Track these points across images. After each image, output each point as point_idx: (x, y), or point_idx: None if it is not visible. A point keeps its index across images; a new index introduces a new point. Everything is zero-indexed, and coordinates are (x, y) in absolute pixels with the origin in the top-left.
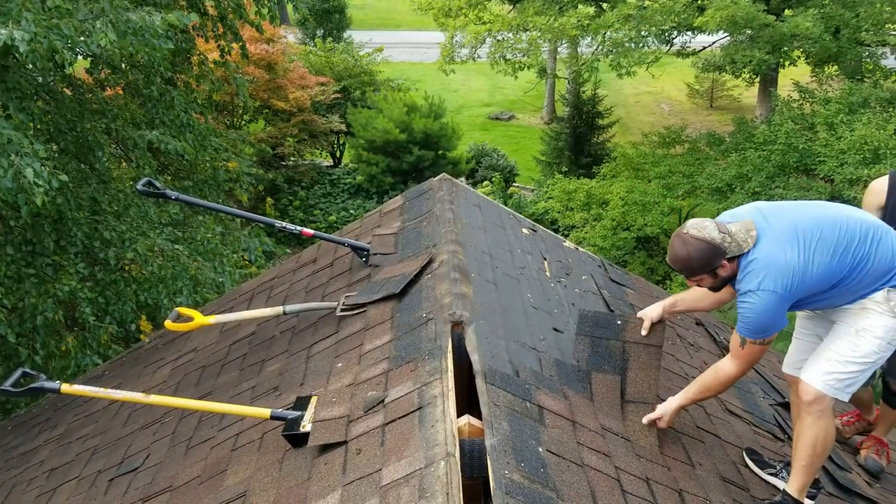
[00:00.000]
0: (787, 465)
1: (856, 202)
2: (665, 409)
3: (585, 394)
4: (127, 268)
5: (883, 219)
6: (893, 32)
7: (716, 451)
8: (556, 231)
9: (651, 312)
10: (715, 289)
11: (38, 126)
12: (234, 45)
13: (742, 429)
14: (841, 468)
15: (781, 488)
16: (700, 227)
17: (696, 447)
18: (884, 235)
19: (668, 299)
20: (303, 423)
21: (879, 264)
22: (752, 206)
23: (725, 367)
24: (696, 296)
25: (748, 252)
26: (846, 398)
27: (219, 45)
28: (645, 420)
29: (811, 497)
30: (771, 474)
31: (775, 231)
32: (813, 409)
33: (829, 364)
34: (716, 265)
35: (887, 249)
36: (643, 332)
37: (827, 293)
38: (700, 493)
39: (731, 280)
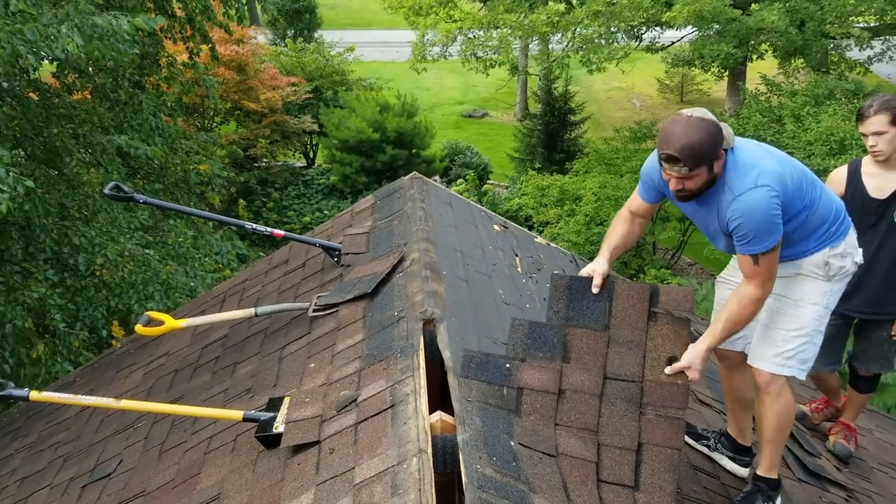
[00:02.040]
0: (722, 435)
1: None
2: (693, 356)
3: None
4: (97, 273)
5: None
6: (858, 24)
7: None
8: (531, 227)
9: (599, 268)
10: (696, 193)
11: (4, 132)
12: (203, 46)
13: (712, 417)
14: (810, 454)
15: (729, 468)
16: (701, 112)
17: None
18: (825, 189)
19: (604, 250)
20: (276, 425)
21: (821, 213)
22: None
23: (748, 291)
24: (621, 233)
25: (730, 150)
26: (802, 375)
27: (187, 47)
28: (669, 370)
29: (771, 501)
30: (705, 445)
31: (747, 142)
32: (771, 389)
33: (774, 345)
34: (718, 151)
35: (829, 200)
36: (595, 290)
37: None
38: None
39: (710, 186)
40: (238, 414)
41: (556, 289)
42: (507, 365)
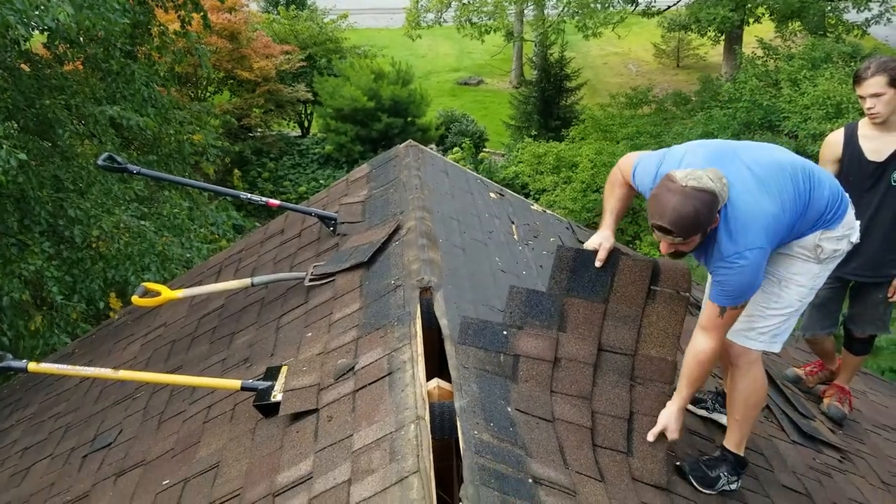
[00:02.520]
0: (719, 395)
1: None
2: (667, 418)
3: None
4: (93, 245)
5: (839, 171)
6: None
7: None
8: (527, 195)
9: (606, 242)
10: (683, 253)
11: None
12: (195, 14)
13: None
14: (805, 416)
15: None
16: (696, 178)
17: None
18: (818, 178)
19: (607, 219)
20: (273, 393)
21: (817, 206)
22: (688, 148)
23: (702, 346)
24: (619, 197)
25: (724, 206)
26: (777, 349)
27: (179, 16)
28: (651, 437)
29: (735, 476)
30: (703, 408)
31: (740, 178)
32: (741, 362)
33: (750, 319)
34: (713, 220)
35: (826, 189)
36: (598, 265)
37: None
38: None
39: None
40: (236, 383)
41: (561, 260)
42: (504, 332)
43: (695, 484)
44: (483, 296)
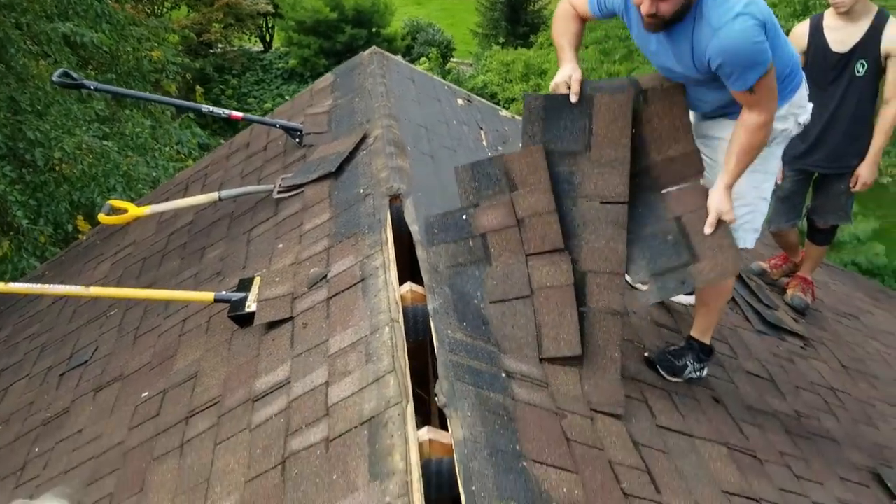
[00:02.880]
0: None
1: None
2: (717, 201)
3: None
4: (57, 168)
5: (805, 63)
6: None
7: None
8: (497, 105)
9: (575, 73)
10: (671, 16)
11: None
12: None
13: None
14: (769, 307)
15: (685, 302)
16: None
17: (628, 296)
18: (783, 36)
19: (567, 52)
20: (248, 304)
21: (778, 65)
22: None
23: (753, 119)
24: (575, 31)
25: None
26: (748, 244)
27: None
28: (708, 228)
29: (701, 364)
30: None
31: None
32: None
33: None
34: None
35: (788, 50)
36: (574, 99)
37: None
38: (634, 339)
39: (687, 11)
40: (209, 295)
41: (530, 110)
42: (464, 216)
43: (663, 373)
44: (452, 201)
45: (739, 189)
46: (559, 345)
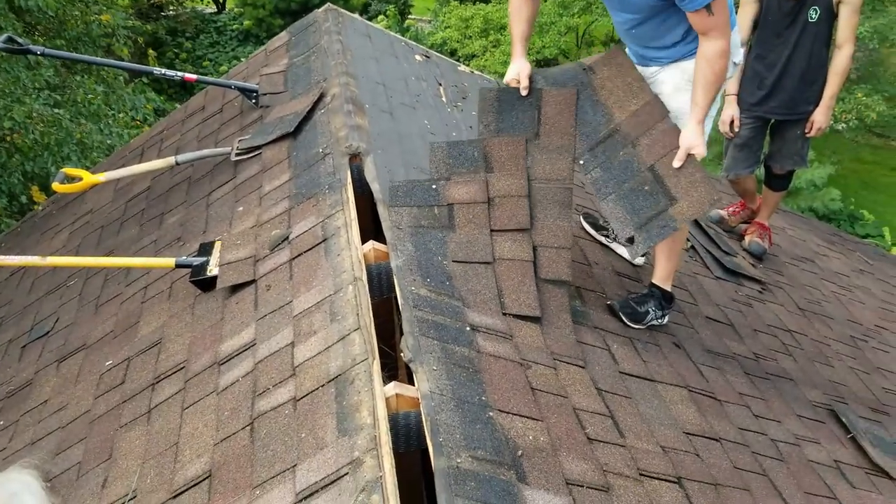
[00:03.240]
0: None
1: None
2: (689, 137)
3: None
4: (7, 138)
5: (759, 10)
6: None
7: (608, 249)
8: (457, 61)
9: (523, 69)
10: None
11: None
12: None
13: None
14: (727, 254)
15: (625, 256)
16: None
17: (593, 248)
18: None
19: (516, 45)
20: (209, 268)
21: None
22: None
23: (711, 46)
24: (527, 17)
25: None
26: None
27: None
28: (677, 162)
29: (662, 311)
30: (604, 236)
31: None
32: None
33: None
34: None
35: None
36: (524, 93)
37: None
38: (596, 289)
39: None
40: (170, 261)
41: (485, 101)
42: (434, 186)
43: (625, 320)
44: (414, 158)
45: (674, 106)
46: (520, 305)
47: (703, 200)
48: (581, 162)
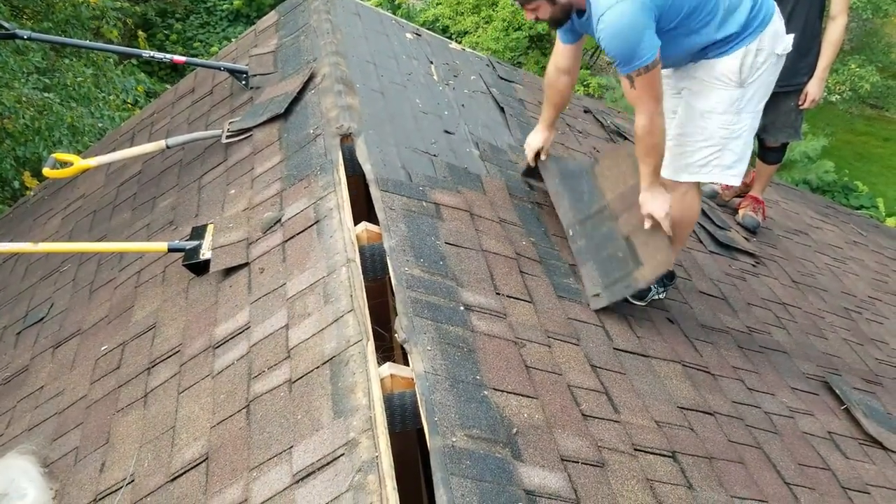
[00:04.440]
0: None
1: None
2: (647, 206)
3: (479, 191)
4: None
5: None
6: None
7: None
8: (449, 38)
9: (543, 144)
10: (556, 20)
11: None
12: None
13: None
14: (721, 228)
15: None
16: None
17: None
18: None
19: (544, 118)
20: (202, 252)
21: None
22: None
23: (639, 122)
24: (555, 104)
25: None
26: (733, 181)
27: None
28: (648, 226)
29: (664, 287)
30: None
31: None
32: (677, 190)
33: (682, 157)
34: None
35: None
36: (531, 164)
37: (682, 26)
38: None
39: (572, 11)
40: (162, 245)
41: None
42: (421, 188)
43: (629, 297)
44: (405, 138)
45: (707, 132)
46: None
47: (662, 264)
48: (570, 233)
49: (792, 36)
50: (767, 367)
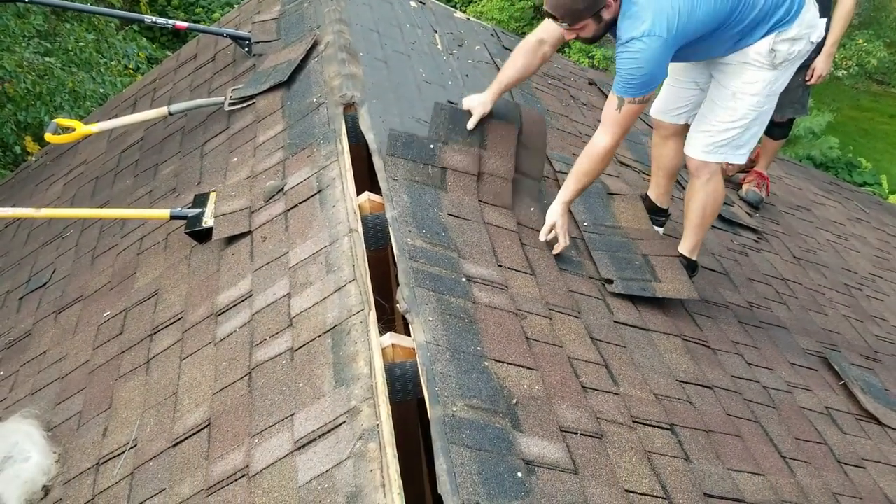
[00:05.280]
0: (642, 198)
1: None
2: (553, 216)
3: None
4: None
5: None
6: None
7: None
8: (454, 7)
9: (483, 108)
10: (595, 38)
11: None
12: None
13: (632, 177)
14: (725, 203)
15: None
16: None
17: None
18: None
19: (493, 86)
20: (204, 219)
21: (753, 6)
22: None
23: (599, 141)
24: (517, 67)
25: None
26: (740, 160)
27: None
28: (542, 237)
29: (692, 271)
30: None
31: None
32: (700, 174)
33: (709, 135)
34: (601, 4)
35: None
36: (470, 127)
37: (709, 38)
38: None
39: (610, 27)
40: (164, 212)
41: (438, 116)
42: (431, 146)
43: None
44: (409, 108)
45: (737, 112)
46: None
47: (683, 292)
48: (585, 224)
49: (825, 21)
50: (767, 342)
